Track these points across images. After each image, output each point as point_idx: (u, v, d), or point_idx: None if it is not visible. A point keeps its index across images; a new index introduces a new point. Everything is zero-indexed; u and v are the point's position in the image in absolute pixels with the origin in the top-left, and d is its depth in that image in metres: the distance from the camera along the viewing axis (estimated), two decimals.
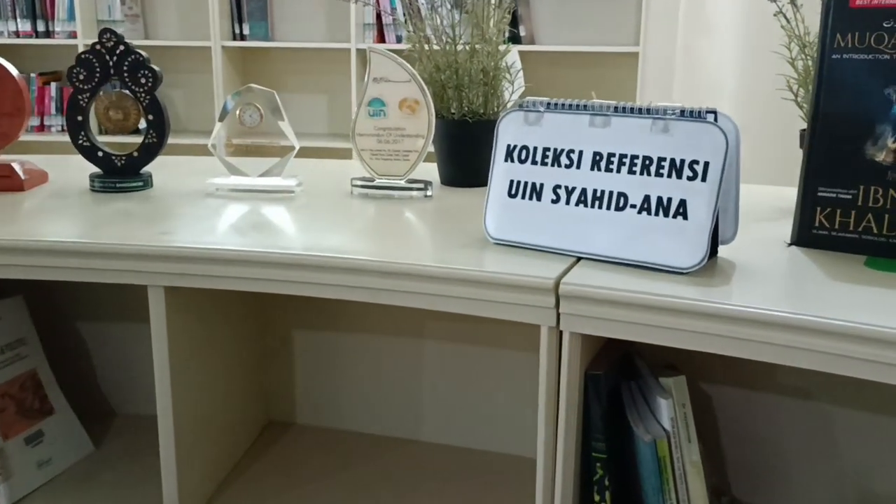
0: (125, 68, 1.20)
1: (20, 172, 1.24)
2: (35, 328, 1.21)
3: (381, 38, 3.29)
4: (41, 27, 3.50)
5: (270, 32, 3.45)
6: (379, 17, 3.26)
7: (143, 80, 1.21)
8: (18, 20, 3.51)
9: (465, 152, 1.27)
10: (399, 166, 1.20)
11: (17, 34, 3.51)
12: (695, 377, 1.09)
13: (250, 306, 1.25)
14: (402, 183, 1.20)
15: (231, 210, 1.12)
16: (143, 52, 1.21)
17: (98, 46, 1.20)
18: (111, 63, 1.20)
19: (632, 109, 0.89)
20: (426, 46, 1.27)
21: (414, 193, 1.20)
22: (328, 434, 1.29)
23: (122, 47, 1.20)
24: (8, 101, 1.22)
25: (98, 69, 1.20)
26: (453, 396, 1.25)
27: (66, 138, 1.27)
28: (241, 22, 3.40)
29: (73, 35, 3.42)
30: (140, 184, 1.24)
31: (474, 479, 1.17)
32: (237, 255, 0.94)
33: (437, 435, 1.26)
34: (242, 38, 3.40)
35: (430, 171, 1.32)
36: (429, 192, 1.20)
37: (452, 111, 1.25)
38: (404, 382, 1.26)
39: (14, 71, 1.23)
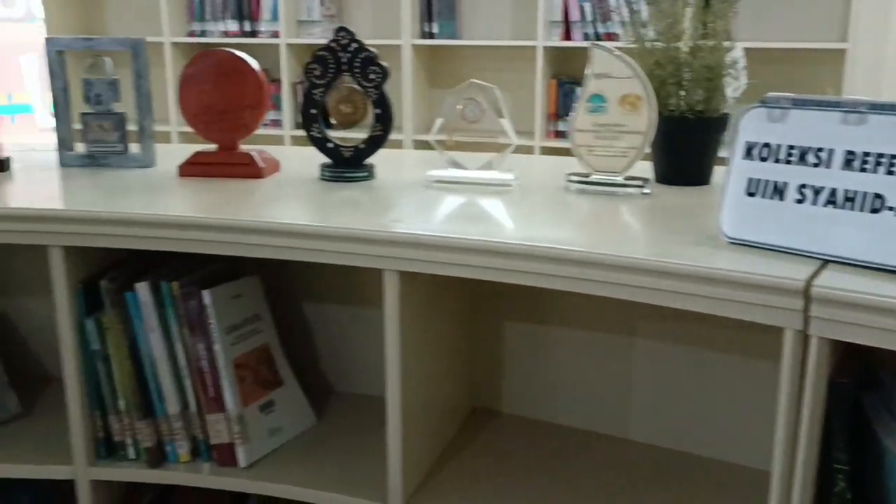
0: (357, 64, 1.28)
1: (259, 161, 1.34)
2: (268, 306, 1.31)
3: (567, 36, 3.28)
4: (247, 27, 3.77)
5: (458, 31, 3.53)
6: (566, 14, 3.25)
7: (372, 76, 1.28)
8: (227, 20, 3.79)
9: (684, 150, 1.24)
10: (617, 163, 1.20)
11: (225, 34, 3.80)
12: None
13: (466, 297, 1.29)
14: (620, 179, 1.20)
15: (451, 201, 1.17)
16: (374, 49, 1.28)
17: (333, 44, 1.28)
18: (344, 59, 1.28)
19: (892, 107, 0.84)
20: (646, 44, 1.26)
21: (631, 190, 1.20)
22: (533, 425, 1.31)
23: (355, 44, 1.27)
24: (250, 95, 1.32)
25: (332, 65, 1.28)
26: (665, 397, 1.23)
27: (274, 131, 1.35)
28: (430, 21, 3.50)
29: (275, 34, 3.65)
30: (365, 174, 1.31)
31: (686, 484, 1.15)
32: (467, 243, 0.97)
33: (646, 435, 1.25)
34: (431, 36, 3.50)
35: (644, 168, 1.31)
36: (647, 190, 1.19)
37: (671, 108, 1.23)
38: (614, 380, 1.26)
39: (256, 66, 1.33)
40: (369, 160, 1.33)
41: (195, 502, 1.27)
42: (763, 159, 0.92)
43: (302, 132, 1.33)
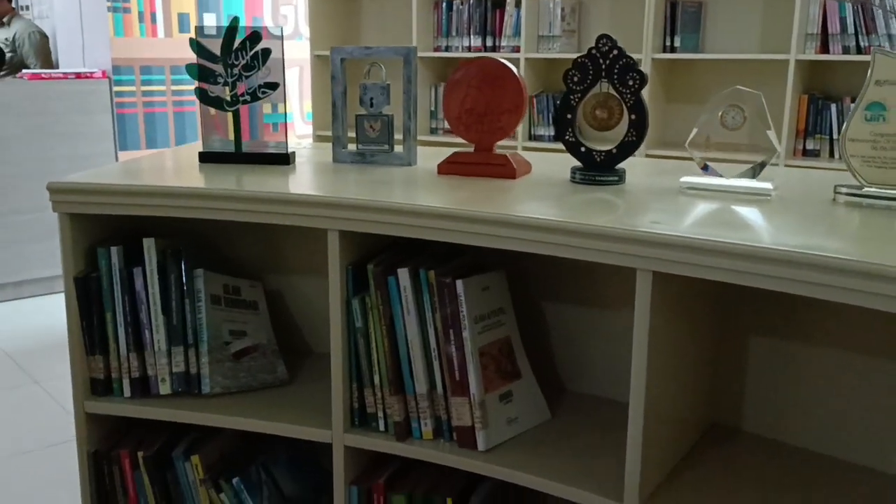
0: (616, 70, 1.30)
1: (513, 162, 1.40)
2: (511, 301, 1.36)
3: (824, 49, 3.09)
4: (489, 42, 3.91)
5: (701, 44, 3.43)
6: (824, 26, 3.06)
7: (630, 82, 1.29)
8: (472, 36, 3.96)
9: None
10: (894, 175, 1.12)
11: (469, 49, 3.97)
12: None
13: (715, 306, 1.26)
14: None
15: (706, 207, 1.15)
16: (633, 56, 1.29)
17: (594, 51, 1.31)
18: (604, 66, 1.30)
19: None
20: None
21: None
22: (773, 445, 1.26)
23: (615, 51, 1.29)
24: (510, 99, 1.39)
25: (591, 71, 1.31)
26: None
27: (507, 142, 1.39)
28: (672, 34, 3.44)
29: (516, 49, 3.76)
30: (615, 178, 1.33)
31: None
32: (724, 246, 0.96)
33: (888, 466, 1.16)
34: (673, 49, 3.43)
35: None
36: None
37: None
38: (869, 404, 1.18)
39: (517, 72, 1.39)
40: (620, 165, 1.34)
41: (432, 479, 1.34)
42: None
43: (534, 143, 1.37)
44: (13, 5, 5.11)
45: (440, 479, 1.35)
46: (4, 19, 4.88)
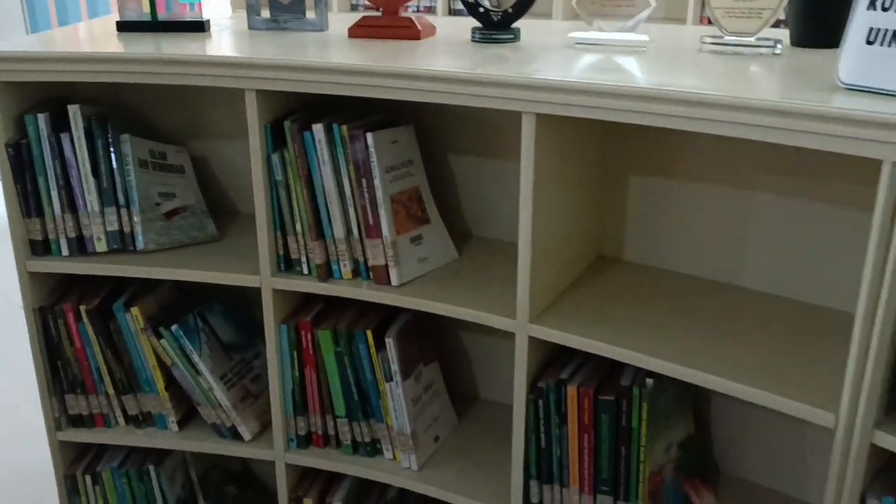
0: None
1: (417, 24, 1.49)
2: (420, 154, 1.49)
3: None
4: None
5: None
6: None
7: None
8: None
9: (818, 12, 1.28)
10: (751, 24, 1.26)
11: None
12: None
13: (597, 148, 1.41)
14: (752, 40, 1.27)
15: (590, 58, 1.28)
16: None
17: None
18: None
19: None
20: None
21: (763, 50, 1.26)
22: (652, 271, 1.44)
23: None
24: None
25: None
26: (778, 248, 1.32)
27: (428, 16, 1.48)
28: None
29: None
30: (511, 37, 1.44)
31: (788, 325, 1.25)
32: (601, 87, 1.09)
33: (758, 283, 1.35)
34: None
35: (780, 33, 1.36)
36: (777, 50, 1.25)
37: None
38: (732, 231, 1.36)
39: None
40: (517, 25, 1.45)
41: (353, 315, 1.50)
42: (885, 9, 0.97)
43: (454, 17, 1.46)
44: None
45: (361, 314, 1.51)
46: None
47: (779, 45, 1.25)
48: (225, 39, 1.53)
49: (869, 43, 0.98)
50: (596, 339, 1.23)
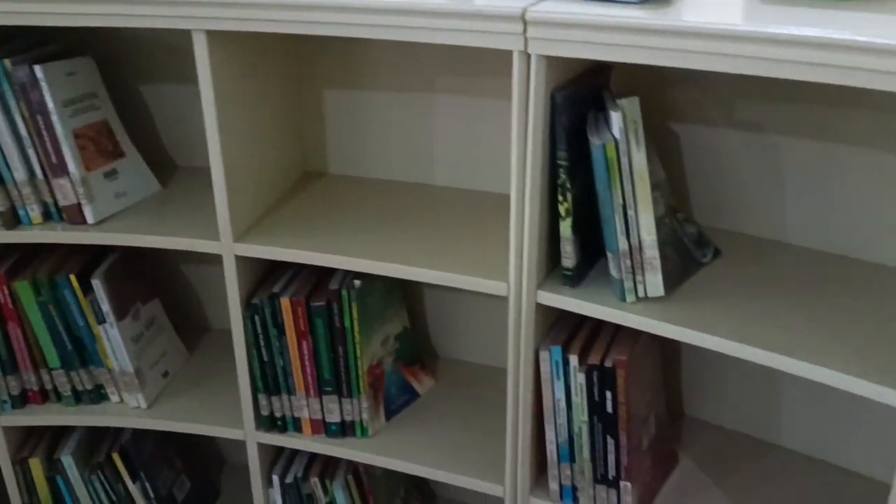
0: None
1: None
2: (104, 85, 1.42)
3: None
4: None
5: None
6: None
7: None
8: None
9: None
10: None
11: None
12: (665, 118, 1.25)
13: (287, 65, 1.42)
14: None
15: None
16: None
17: None
18: None
19: None
20: None
21: None
22: (355, 181, 1.50)
23: None
24: None
25: None
26: (457, 145, 1.43)
27: None
28: None
29: None
30: None
31: (466, 214, 1.37)
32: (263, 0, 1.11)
33: (446, 179, 1.46)
34: None
35: None
36: None
37: None
38: (420, 134, 1.45)
39: None
40: None
41: (55, 261, 1.42)
42: None
43: None
44: None
45: (64, 260, 1.44)
46: None
47: None
48: None
49: None
50: (301, 248, 1.27)
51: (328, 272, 1.38)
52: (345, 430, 1.40)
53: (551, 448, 1.22)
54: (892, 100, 1.09)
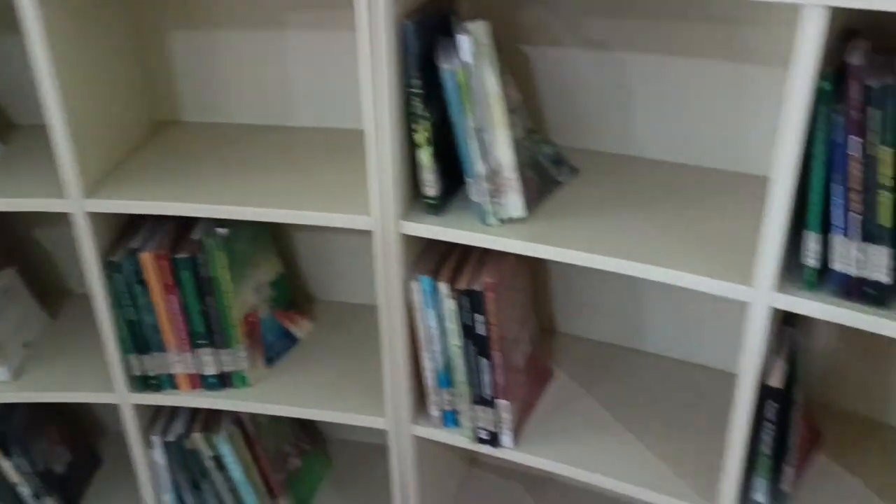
0: None
1: None
2: None
3: None
4: None
5: None
6: None
7: None
8: None
9: None
10: None
11: None
12: (517, 41, 1.26)
13: (121, 12, 1.34)
14: None
15: None
16: None
17: None
18: None
19: None
20: None
21: None
22: (211, 127, 1.45)
23: None
24: None
25: None
26: (310, 81, 1.39)
27: None
28: None
29: None
30: None
31: (327, 152, 1.35)
32: None
33: (307, 120, 1.43)
34: None
35: None
36: None
37: None
38: (274, 74, 1.40)
39: None
40: None
41: None
42: None
43: None
44: None
45: None
46: None
47: None
48: None
49: None
50: (157, 199, 1.22)
51: (190, 223, 1.33)
52: (224, 381, 1.38)
53: (429, 375, 1.24)
54: (723, 9, 1.14)
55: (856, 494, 1.15)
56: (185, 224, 1.33)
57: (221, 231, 1.30)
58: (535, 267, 1.42)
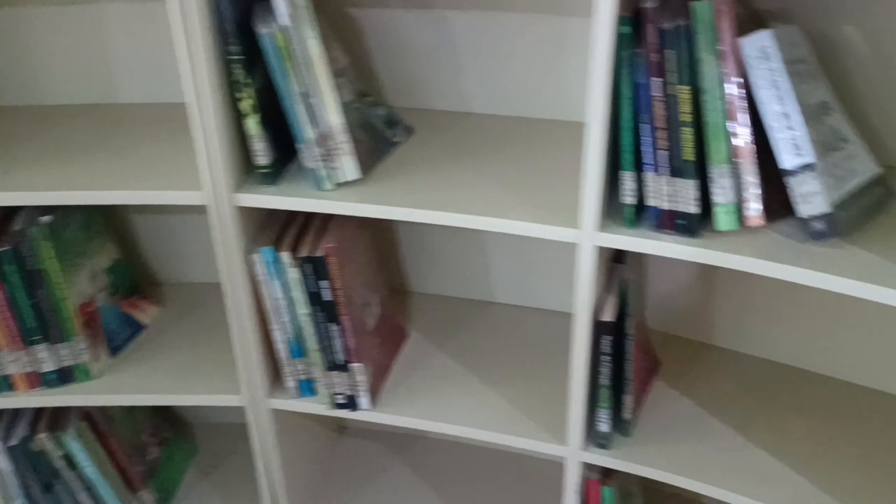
0: None
1: None
2: None
3: None
4: None
5: None
6: None
7: None
8: None
9: None
10: None
11: None
12: (342, 5, 1.25)
13: None
14: None
15: None
16: None
17: None
18: None
19: None
20: None
21: None
22: (25, 110, 1.36)
23: None
24: None
25: None
26: (131, 54, 1.33)
27: None
28: None
29: None
30: None
31: (159, 127, 1.30)
32: None
33: (129, 95, 1.36)
34: None
35: None
36: None
37: None
38: (93, 49, 1.33)
39: None
40: None
41: None
42: None
43: None
44: None
45: None
46: None
47: None
48: None
49: None
50: None
51: (10, 213, 1.25)
52: (64, 376, 1.31)
53: (281, 347, 1.23)
54: None
55: (689, 413, 1.24)
56: (6, 215, 1.25)
57: (45, 219, 1.23)
58: (382, 229, 1.43)
